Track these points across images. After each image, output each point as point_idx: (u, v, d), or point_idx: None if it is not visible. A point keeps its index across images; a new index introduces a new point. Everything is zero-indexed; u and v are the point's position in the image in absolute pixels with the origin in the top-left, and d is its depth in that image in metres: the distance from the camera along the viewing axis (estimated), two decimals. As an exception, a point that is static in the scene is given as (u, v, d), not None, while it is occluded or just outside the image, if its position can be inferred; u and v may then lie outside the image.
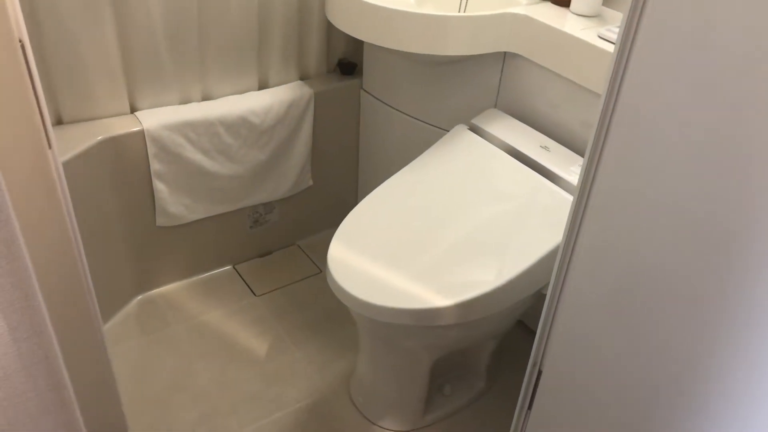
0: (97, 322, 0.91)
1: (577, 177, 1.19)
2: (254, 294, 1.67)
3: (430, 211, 1.20)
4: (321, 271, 1.76)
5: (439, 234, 1.15)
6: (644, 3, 0.70)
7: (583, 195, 0.83)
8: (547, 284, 1.15)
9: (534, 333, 0.99)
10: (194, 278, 1.69)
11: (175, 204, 1.54)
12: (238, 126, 1.55)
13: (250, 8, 1.49)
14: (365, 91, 1.73)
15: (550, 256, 1.10)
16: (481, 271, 1.07)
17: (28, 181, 0.71)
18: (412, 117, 1.61)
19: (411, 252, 1.11)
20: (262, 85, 1.64)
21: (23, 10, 1.22)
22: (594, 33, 1.20)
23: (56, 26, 1.27)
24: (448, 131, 1.48)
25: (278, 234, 1.81)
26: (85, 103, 1.40)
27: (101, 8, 1.30)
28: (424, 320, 1.04)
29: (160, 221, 1.55)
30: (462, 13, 1.29)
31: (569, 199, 1.17)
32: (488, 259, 1.10)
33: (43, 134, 0.70)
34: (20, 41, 0.66)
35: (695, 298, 0.73)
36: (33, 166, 0.71)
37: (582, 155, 1.27)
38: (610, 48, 1.15)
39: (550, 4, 1.34)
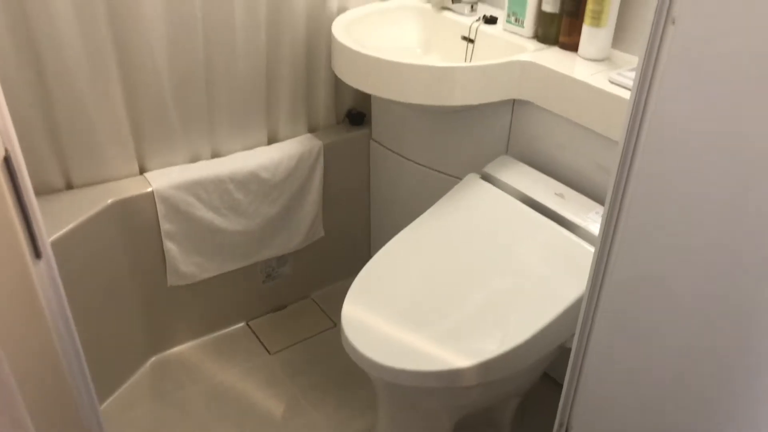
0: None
1: (596, 225, 1.16)
2: (268, 352, 1.63)
3: (445, 267, 1.17)
4: (335, 325, 1.72)
5: (456, 291, 1.12)
6: (659, 50, 0.69)
7: (605, 246, 0.80)
8: (571, 337, 1.11)
9: (560, 385, 0.95)
10: (207, 337, 1.66)
11: (186, 263, 1.52)
12: (249, 182, 1.53)
13: (257, 64, 1.49)
14: (374, 140, 1.72)
15: (572, 309, 1.06)
16: (502, 329, 1.04)
17: (8, 293, 0.66)
18: (423, 165, 1.59)
19: (428, 311, 1.08)
20: (272, 140, 1.64)
21: (32, 78, 1.23)
22: (605, 78, 1.18)
23: (66, 91, 1.27)
24: (459, 179, 1.46)
25: (291, 287, 1.78)
26: (94, 166, 1.39)
27: (110, 72, 1.31)
28: (444, 382, 1.00)
29: (172, 281, 1.53)
30: (468, 63, 1.28)
31: (588, 248, 1.13)
32: (508, 316, 1.06)
33: (26, 247, 0.65)
34: (5, 153, 0.62)
35: (726, 351, 0.69)
36: (12, 278, 0.66)
37: (598, 201, 1.24)
38: (623, 93, 1.13)
39: (557, 49, 1.33)
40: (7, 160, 0.62)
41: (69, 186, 1.40)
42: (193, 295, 1.60)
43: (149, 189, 1.41)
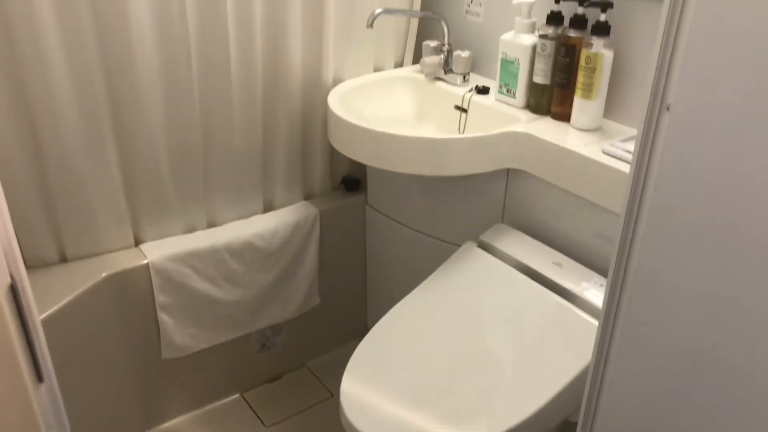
0: None
1: (595, 295, 1.16)
2: (264, 424, 1.59)
3: (445, 342, 1.15)
4: (333, 395, 1.69)
5: (456, 368, 1.10)
6: (654, 136, 0.70)
7: (609, 319, 0.80)
8: (576, 411, 1.09)
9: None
10: (202, 410, 1.62)
11: (181, 335, 1.50)
12: (244, 251, 1.53)
13: (254, 134, 1.51)
14: (370, 206, 1.73)
15: (575, 383, 1.04)
16: (504, 408, 1.02)
17: (8, 420, 0.64)
18: (418, 231, 1.59)
19: (428, 389, 1.06)
20: (267, 208, 1.64)
21: (29, 152, 1.24)
22: (598, 148, 1.20)
23: (61, 166, 1.28)
24: (456, 245, 1.46)
25: (287, 356, 1.75)
26: (89, 239, 1.39)
27: (107, 146, 1.32)
28: (447, 463, 0.97)
29: (166, 353, 1.50)
30: (462, 135, 1.30)
31: (589, 320, 1.12)
32: (510, 393, 1.04)
33: (28, 373, 0.64)
34: (11, 281, 0.62)
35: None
36: (12, 404, 0.65)
37: (597, 269, 1.24)
38: (617, 164, 1.15)
39: (550, 119, 1.35)
40: (13, 288, 0.61)
41: (63, 259, 1.39)
42: (187, 367, 1.56)
43: (144, 261, 1.40)
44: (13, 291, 0.60)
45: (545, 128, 1.30)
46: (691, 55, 0.64)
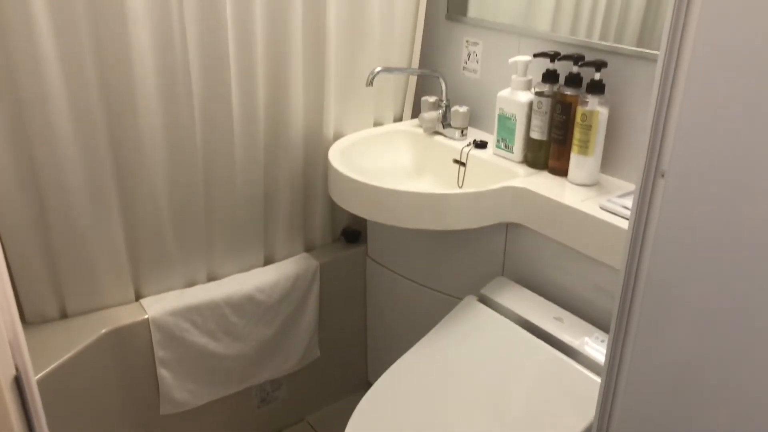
0: None
1: (596, 351, 1.15)
2: (263, 482, 1.56)
3: (446, 399, 1.14)
4: (333, 451, 1.66)
5: (458, 422, 1.09)
6: (651, 201, 0.71)
7: (612, 375, 0.79)
8: (579, 472, 1.07)
9: None
10: (199, 467, 1.59)
11: (180, 390, 1.48)
12: (244, 305, 1.53)
13: (255, 189, 1.52)
14: (370, 258, 1.73)
15: (578, 442, 1.03)
16: (507, 466, 1.00)
17: None
18: (419, 283, 1.59)
19: (430, 446, 1.05)
20: (268, 260, 1.65)
21: (33, 210, 1.25)
22: (595, 204, 1.22)
23: (65, 222, 1.29)
24: (456, 298, 1.46)
25: (287, 411, 1.73)
26: (90, 295, 1.39)
27: (109, 200, 1.33)
28: None
29: (165, 409, 1.48)
30: (461, 190, 1.31)
31: (590, 376, 1.12)
32: (513, 451, 1.03)
33: None
34: (16, 373, 0.61)
35: None
36: None
37: (597, 324, 1.24)
38: (615, 219, 1.16)
39: (547, 174, 1.37)
40: (18, 380, 0.60)
41: (63, 315, 1.39)
42: (186, 423, 1.54)
43: (144, 316, 1.40)
44: (18, 383, 0.59)
45: (543, 183, 1.32)
46: (684, 122, 0.65)
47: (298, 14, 1.43)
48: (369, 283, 1.76)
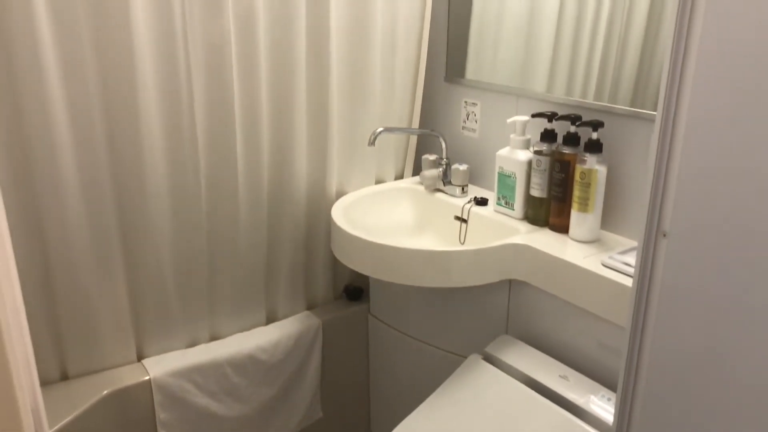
0: None
1: (600, 408, 1.14)
2: None
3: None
4: None
5: (465, 485, 1.07)
6: (653, 260, 0.72)
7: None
8: None
9: None
10: None
11: (180, 454, 1.46)
12: (246, 365, 1.51)
13: (258, 248, 1.53)
14: (373, 315, 1.73)
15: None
16: None
17: None
18: (422, 341, 1.58)
19: None
20: (270, 318, 1.64)
21: (39, 271, 1.25)
22: (597, 261, 1.23)
23: (69, 283, 1.29)
24: (460, 356, 1.46)
25: (288, 473, 1.69)
26: (92, 356, 1.38)
27: (113, 261, 1.34)
28: None
29: (164, 474, 1.45)
30: (463, 247, 1.33)
31: (599, 436, 1.10)
32: None
33: None
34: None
35: None
36: None
37: (603, 381, 1.23)
38: (617, 276, 1.17)
39: (548, 231, 1.39)
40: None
41: (64, 376, 1.37)
42: (184, 488, 1.51)
43: (146, 377, 1.38)
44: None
45: (544, 240, 1.33)
46: (684, 183, 0.67)
47: (301, 76, 1.47)
48: (372, 341, 1.75)
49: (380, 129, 1.52)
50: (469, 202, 1.55)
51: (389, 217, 1.65)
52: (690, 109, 0.66)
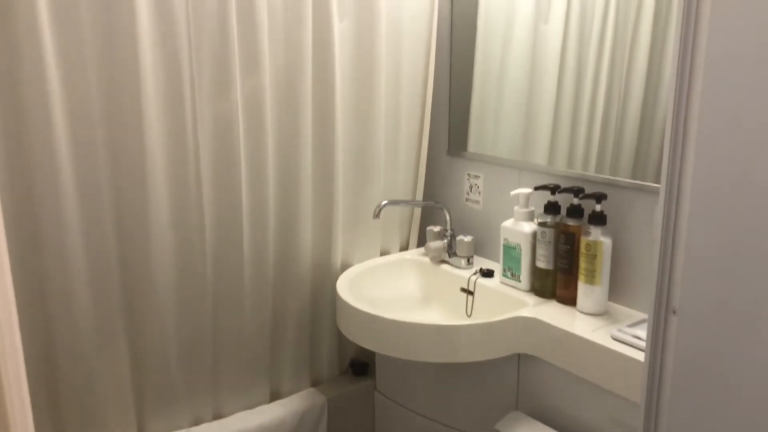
0: None
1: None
2: None
3: None
4: None
5: None
6: (665, 329, 0.71)
7: None
8: None
9: None
10: None
11: None
12: (250, 444, 1.47)
13: (263, 323, 1.52)
14: (379, 392, 1.69)
15: None
16: None
17: None
18: (430, 419, 1.54)
19: None
20: (274, 395, 1.61)
21: (41, 345, 1.24)
22: (606, 334, 1.21)
23: (72, 364, 1.28)
24: (470, 433, 1.41)
25: None
26: (91, 435, 1.34)
27: (116, 335, 1.33)
28: None
29: None
30: (470, 320, 1.31)
31: None
32: None
33: None
34: None
35: None
36: None
37: (619, 461, 1.19)
38: (627, 350, 1.15)
39: (556, 303, 1.37)
40: None
41: (62, 457, 1.33)
42: None
43: (147, 459, 1.35)
44: None
45: (552, 313, 1.32)
46: (692, 261, 0.67)
47: (307, 150, 1.50)
48: (378, 418, 1.71)
49: (385, 202, 1.54)
50: (474, 273, 1.55)
51: (395, 289, 1.64)
52: (693, 185, 0.66)
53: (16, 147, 1.17)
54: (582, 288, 1.31)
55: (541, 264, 1.40)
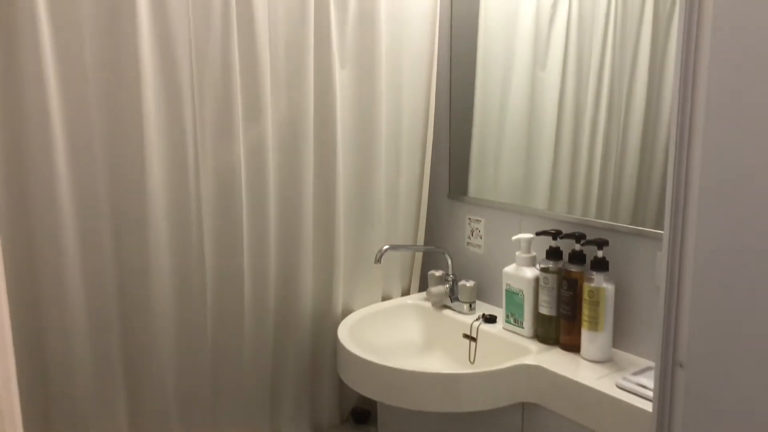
0: None
1: None
2: None
3: None
4: None
5: None
6: (672, 383, 0.70)
7: None
8: None
9: None
10: None
11: None
12: (249, 497, 1.44)
13: (263, 367, 1.50)
14: (381, 440, 1.66)
15: None
16: None
17: None
18: (434, 468, 1.51)
19: None
20: (274, 443, 1.58)
21: (38, 412, 1.22)
22: (611, 382, 1.19)
23: (69, 416, 1.25)
24: (474, 484, 1.38)
25: None
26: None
27: (116, 382, 1.31)
28: None
29: None
30: (473, 369, 1.30)
31: None
32: None
33: None
34: None
35: None
36: None
37: None
38: (632, 399, 1.13)
39: (559, 350, 1.36)
40: None
41: None
42: None
43: None
44: None
45: (556, 360, 1.30)
46: (698, 316, 0.66)
47: (308, 196, 1.50)
48: (380, 467, 1.67)
49: (386, 247, 1.53)
50: (477, 319, 1.53)
51: (397, 335, 1.63)
52: (698, 236, 0.66)
53: (19, 204, 1.17)
54: (585, 335, 1.30)
55: (543, 310, 1.38)
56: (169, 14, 1.26)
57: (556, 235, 1.38)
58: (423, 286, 1.78)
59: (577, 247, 1.33)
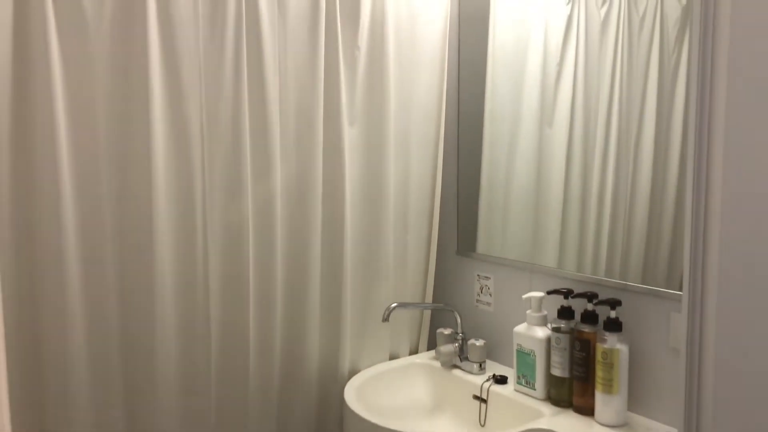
0: None
1: None
2: None
3: None
4: None
5: None
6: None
7: None
8: None
9: None
10: None
11: None
12: None
13: (269, 425, 1.46)
14: (388, 506, 1.59)
15: None
16: None
17: None
18: None
19: None
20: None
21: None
22: (629, 448, 1.15)
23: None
24: None
25: None
26: None
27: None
28: None
29: None
30: (483, 429, 1.25)
31: None
32: None
33: None
34: None
35: None
36: None
37: None
38: (652, 468, 1.08)
39: (573, 413, 1.32)
40: None
41: None
42: None
43: None
44: None
45: (570, 425, 1.26)
46: (722, 371, 0.64)
47: (316, 253, 1.49)
48: None
49: (394, 305, 1.51)
50: (488, 380, 1.49)
51: (405, 396, 1.58)
52: (719, 296, 0.64)
53: (26, 265, 1.17)
54: (600, 397, 1.26)
55: (556, 372, 1.35)
56: (181, 75, 1.28)
57: (567, 294, 1.36)
58: (431, 344, 1.75)
59: (590, 306, 1.30)
